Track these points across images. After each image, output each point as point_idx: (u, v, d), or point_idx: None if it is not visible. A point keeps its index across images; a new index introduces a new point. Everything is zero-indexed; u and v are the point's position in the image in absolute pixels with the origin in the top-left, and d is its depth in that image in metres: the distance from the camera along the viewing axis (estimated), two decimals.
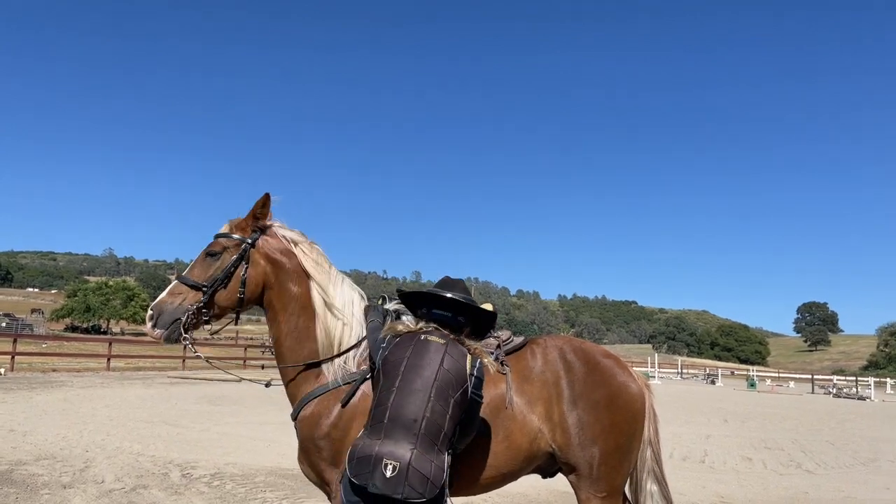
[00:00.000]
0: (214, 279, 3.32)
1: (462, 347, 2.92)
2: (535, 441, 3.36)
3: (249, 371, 31.25)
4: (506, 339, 3.60)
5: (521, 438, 3.34)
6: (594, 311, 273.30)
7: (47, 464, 7.87)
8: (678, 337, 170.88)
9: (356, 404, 3.23)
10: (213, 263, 3.36)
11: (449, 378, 2.76)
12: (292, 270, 3.43)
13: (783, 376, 66.41)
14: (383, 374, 2.79)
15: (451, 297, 2.97)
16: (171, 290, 3.34)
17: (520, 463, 3.38)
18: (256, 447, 9.94)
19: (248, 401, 16.80)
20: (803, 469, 10.70)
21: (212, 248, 3.40)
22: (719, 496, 8.20)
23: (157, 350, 40.83)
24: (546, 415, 3.38)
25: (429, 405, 2.69)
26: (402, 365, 2.77)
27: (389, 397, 2.70)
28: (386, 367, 2.80)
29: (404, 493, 2.54)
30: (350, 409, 3.23)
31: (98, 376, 23.21)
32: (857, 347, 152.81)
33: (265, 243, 3.42)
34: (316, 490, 3.47)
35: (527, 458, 3.39)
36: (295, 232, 3.54)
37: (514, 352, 3.59)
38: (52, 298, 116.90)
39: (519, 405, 3.35)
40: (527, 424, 3.35)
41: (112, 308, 75.44)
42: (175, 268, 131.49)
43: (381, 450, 2.60)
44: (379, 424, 2.68)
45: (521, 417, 3.33)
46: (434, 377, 2.74)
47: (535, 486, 7.29)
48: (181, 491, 6.95)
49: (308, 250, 3.47)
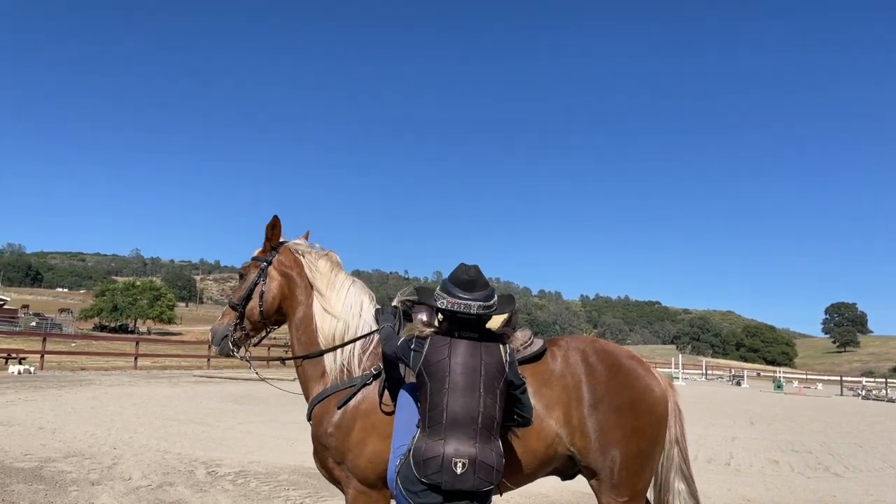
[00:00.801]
0: (242, 297, 3.77)
1: (493, 337, 3.09)
2: (552, 445, 3.35)
3: (272, 370, 31.49)
4: (523, 343, 3.48)
5: (537, 444, 3.33)
6: (617, 311, 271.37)
7: (76, 461, 8.00)
8: (703, 338, 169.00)
9: (357, 406, 3.35)
10: (243, 284, 3.82)
11: (492, 371, 2.95)
12: (301, 281, 3.74)
13: (811, 378, 65.50)
14: (428, 376, 2.92)
15: (476, 314, 2.99)
16: (223, 312, 3.87)
17: (535, 466, 3.38)
18: (280, 446, 10.03)
19: (272, 400, 16.92)
20: (831, 472, 10.52)
21: (241, 272, 3.91)
22: (745, 499, 8.09)
23: (183, 349, 41.41)
24: (565, 419, 3.36)
25: (481, 401, 2.89)
26: (447, 366, 2.91)
27: (443, 399, 2.87)
28: (430, 370, 2.92)
29: (475, 485, 2.82)
30: (351, 410, 3.35)
31: (125, 375, 23.57)
32: (886, 349, 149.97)
33: (279, 260, 3.79)
34: (337, 489, 3.53)
35: (543, 462, 3.39)
36: (305, 245, 3.85)
37: (532, 361, 3.47)
38: (81, 298, 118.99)
39: (536, 409, 3.31)
40: (543, 429, 3.33)
41: (139, 308, 76.57)
42: (199, 268, 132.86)
43: (447, 449, 2.81)
44: (438, 426, 2.85)
45: (537, 422, 3.30)
46: (480, 373, 2.92)
47: (557, 488, 7.25)
48: (206, 489, 7.03)
49: (313, 260, 3.75)
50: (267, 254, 3.81)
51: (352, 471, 3.30)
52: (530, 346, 3.50)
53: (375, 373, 3.38)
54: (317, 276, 3.67)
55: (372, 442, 3.26)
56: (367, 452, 3.26)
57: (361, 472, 3.27)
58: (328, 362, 3.54)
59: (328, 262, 3.75)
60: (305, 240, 3.95)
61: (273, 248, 3.81)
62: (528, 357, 3.46)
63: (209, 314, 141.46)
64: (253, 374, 4.36)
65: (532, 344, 3.50)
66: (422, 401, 2.94)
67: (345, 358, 3.50)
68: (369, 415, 3.31)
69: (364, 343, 3.55)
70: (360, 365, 3.47)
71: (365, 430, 3.29)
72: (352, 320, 3.57)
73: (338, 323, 3.56)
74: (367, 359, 3.50)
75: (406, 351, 3.01)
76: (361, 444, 3.27)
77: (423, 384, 2.94)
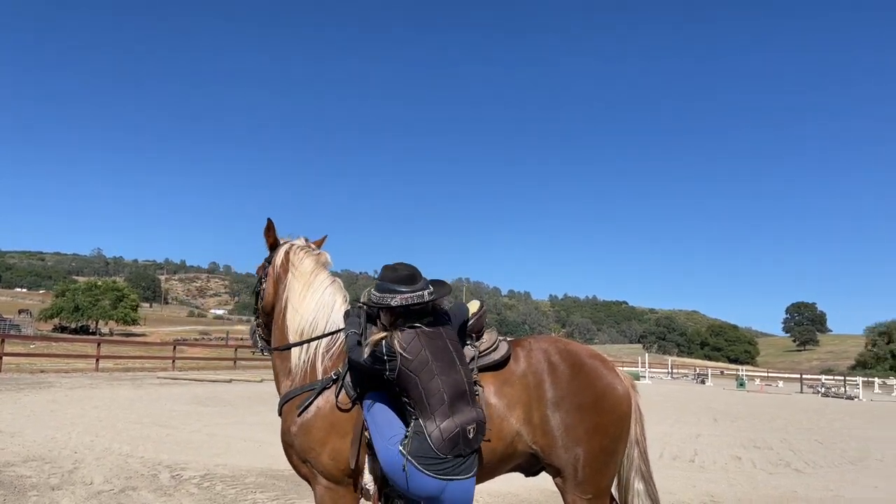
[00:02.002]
0: (253, 297, 4.11)
1: (444, 317, 3.41)
2: (512, 444, 3.38)
3: (240, 371, 31.11)
4: (485, 348, 3.52)
5: (497, 442, 3.35)
6: (585, 311, 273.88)
7: (35, 465, 7.81)
8: (668, 337, 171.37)
9: (318, 407, 3.40)
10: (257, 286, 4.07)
11: (455, 342, 3.32)
12: (285, 279, 3.83)
13: (772, 376, 66.84)
14: (413, 372, 3.13)
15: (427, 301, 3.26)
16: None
17: (495, 463, 3.41)
18: (247, 448, 9.91)
19: (238, 401, 16.73)
20: (792, 468, 10.76)
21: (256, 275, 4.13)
22: (709, 495, 8.23)
23: (147, 351, 40.69)
24: (525, 418, 3.39)
25: (462, 371, 3.23)
26: (427, 357, 3.15)
27: (436, 384, 3.12)
28: (413, 367, 3.13)
29: (479, 442, 3.19)
30: (312, 411, 3.40)
31: (87, 377, 23.03)
32: (845, 347, 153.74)
33: (274, 260, 3.92)
34: (307, 491, 3.54)
35: (502, 459, 3.42)
36: (300, 244, 3.94)
37: (496, 368, 3.49)
38: (41, 299, 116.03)
39: (497, 408, 3.38)
40: (503, 428, 3.36)
41: (101, 308, 74.92)
42: (164, 268, 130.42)
43: (459, 423, 3.10)
44: (442, 406, 3.11)
45: (497, 420, 3.35)
46: (450, 349, 3.25)
47: (526, 486, 7.30)
48: (170, 492, 6.91)
49: (299, 259, 3.84)
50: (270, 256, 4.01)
51: (316, 468, 3.37)
52: (495, 350, 3.52)
53: (334, 377, 3.43)
54: (297, 275, 3.76)
55: (332, 440, 3.33)
56: (328, 450, 3.33)
57: (325, 469, 3.34)
58: (294, 358, 3.62)
59: (313, 262, 3.83)
60: (317, 244, 4.05)
61: (271, 249, 3.98)
62: (492, 364, 3.49)
63: (174, 315, 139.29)
64: (219, 377, 4.35)
65: (497, 348, 3.53)
66: (412, 393, 3.14)
67: (309, 355, 3.57)
68: (329, 415, 3.37)
69: (329, 342, 3.59)
70: (323, 364, 3.53)
71: (325, 430, 3.35)
72: (321, 319, 3.63)
73: (305, 320, 3.63)
74: (331, 359, 3.54)
75: (379, 361, 3.15)
76: (322, 443, 3.33)
77: (408, 380, 3.13)
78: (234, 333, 79.27)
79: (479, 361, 3.47)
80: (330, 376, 3.44)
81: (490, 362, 3.49)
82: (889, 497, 8.61)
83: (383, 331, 3.25)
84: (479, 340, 3.56)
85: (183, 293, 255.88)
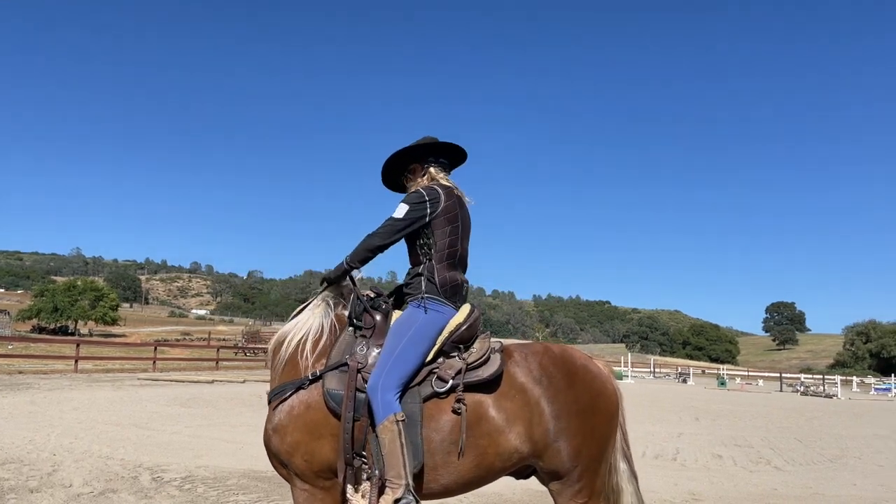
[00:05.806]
0: None
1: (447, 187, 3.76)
2: (510, 458, 3.32)
3: (222, 372, 30.90)
4: (474, 360, 3.34)
5: (494, 458, 3.28)
6: (568, 310, 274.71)
7: (13, 468, 7.69)
8: (651, 336, 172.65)
9: (291, 408, 3.35)
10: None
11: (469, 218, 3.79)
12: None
13: (752, 374, 67.56)
14: (449, 222, 3.55)
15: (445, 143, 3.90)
16: None
17: (491, 477, 3.38)
18: (229, 449, 9.83)
19: (220, 403, 16.57)
20: (772, 466, 10.88)
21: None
22: (691, 493, 8.30)
23: (127, 351, 40.24)
24: (527, 434, 3.30)
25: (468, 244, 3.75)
26: (459, 217, 3.61)
27: (460, 241, 3.61)
28: (450, 217, 3.56)
29: (464, 300, 3.62)
30: (286, 413, 3.35)
31: (65, 378, 22.72)
32: (823, 346, 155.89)
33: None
34: (289, 493, 3.50)
35: (499, 472, 3.38)
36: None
37: (484, 385, 3.30)
38: (19, 299, 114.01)
39: (496, 421, 3.29)
40: (501, 444, 3.28)
41: (80, 309, 73.99)
42: (145, 268, 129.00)
43: (461, 277, 3.63)
44: (453, 260, 3.57)
45: (496, 436, 3.27)
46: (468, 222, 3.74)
47: (511, 487, 7.31)
48: (151, 495, 6.84)
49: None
50: None
51: (292, 470, 3.35)
52: (485, 364, 3.34)
53: (311, 378, 3.37)
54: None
55: (305, 442, 3.30)
56: (301, 452, 3.29)
57: (299, 471, 3.31)
58: (280, 354, 3.61)
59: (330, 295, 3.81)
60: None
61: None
62: (481, 382, 3.30)
63: (154, 315, 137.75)
64: (201, 377, 4.31)
65: (488, 362, 3.35)
66: (440, 241, 3.53)
67: (290, 349, 3.53)
68: (302, 416, 3.33)
69: (314, 340, 3.52)
70: (305, 361, 3.46)
71: (299, 431, 3.31)
72: (310, 319, 3.62)
73: (295, 321, 3.64)
74: (315, 357, 3.47)
75: (422, 206, 3.51)
76: (296, 445, 3.30)
77: (441, 227, 3.54)
78: (216, 334, 78.58)
79: (466, 376, 3.27)
80: (307, 376, 3.38)
81: (478, 380, 3.28)
82: (867, 494, 8.74)
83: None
84: (467, 351, 3.39)
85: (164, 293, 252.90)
